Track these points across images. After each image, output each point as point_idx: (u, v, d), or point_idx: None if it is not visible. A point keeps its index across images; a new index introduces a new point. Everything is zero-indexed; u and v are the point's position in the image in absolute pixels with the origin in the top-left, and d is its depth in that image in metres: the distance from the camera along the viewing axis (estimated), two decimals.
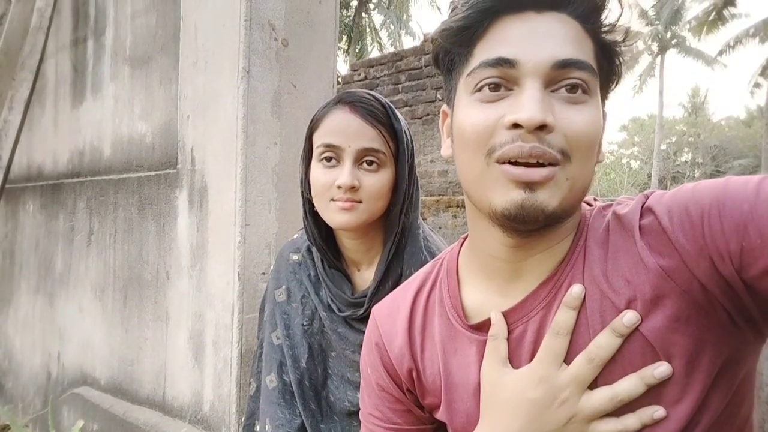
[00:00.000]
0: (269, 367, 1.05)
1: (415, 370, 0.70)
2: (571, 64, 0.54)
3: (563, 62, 0.54)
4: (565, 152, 0.54)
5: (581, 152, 0.55)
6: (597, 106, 0.57)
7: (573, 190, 0.55)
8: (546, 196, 0.53)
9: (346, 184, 0.88)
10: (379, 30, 21.08)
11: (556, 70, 0.54)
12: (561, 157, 0.53)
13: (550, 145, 0.53)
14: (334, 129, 0.91)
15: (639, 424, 0.55)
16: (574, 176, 0.55)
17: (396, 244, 0.96)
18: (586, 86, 0.55)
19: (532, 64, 0.54)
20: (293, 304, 1.04)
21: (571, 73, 0.54)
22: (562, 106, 0.54)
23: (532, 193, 0.53)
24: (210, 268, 1.73)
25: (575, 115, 0.54)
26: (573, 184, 0.55)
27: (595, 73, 0.56)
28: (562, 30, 0.55)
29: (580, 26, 0.56)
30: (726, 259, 0.50)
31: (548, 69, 0.54)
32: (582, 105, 0.55)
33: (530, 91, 0.53)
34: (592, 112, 0.56)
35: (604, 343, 0.55)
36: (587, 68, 0.55)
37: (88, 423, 2.09)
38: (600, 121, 0.57)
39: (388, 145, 0.92)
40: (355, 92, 0.96)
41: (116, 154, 2.27)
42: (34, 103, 2.68)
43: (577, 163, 0.54)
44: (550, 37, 0.55)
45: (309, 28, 1.77)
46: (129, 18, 2.23)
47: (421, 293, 0.73)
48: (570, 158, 0.54)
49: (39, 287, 2.66)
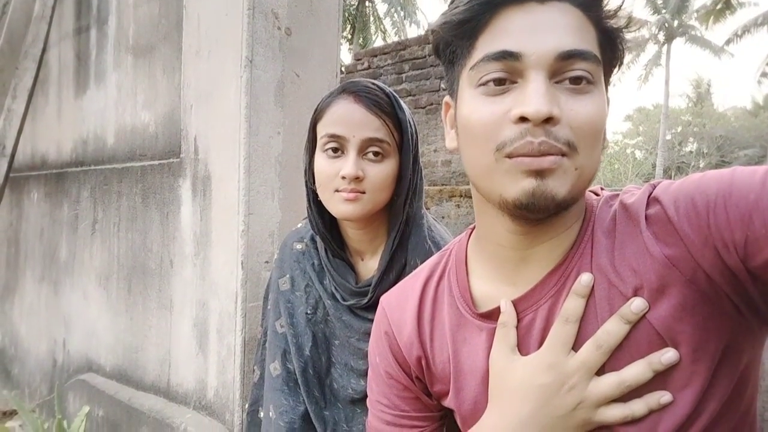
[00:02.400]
0: (273, 355, 1.05)
1: (424, 358, 0.71)
2: (575, 55, 0.54)
3: (567, 53, 0.54)
4: (572, 143, 0.54)
5: (588, 142, 0.55)
6: (601, 95, 0.57)
7: (581, 178, 0.56)
8: (556, 183, 0.54)
9: (351, 175, 0.88)
10: (383, 19, 20.95)
11: (561, 62, 0.54)
12: (568, 148, 0.54)
13: (557, 138, 0.53)
14: (339, 119, 0.91)
15: (646, 409, 0.55)
16: (582, 165, 0.55)
17: (400, 234, 0.96)
18: (590, 76, 0.55)
19: (536, 56, 0.54)
20: (297, 293, 1.05)
21: (576, 64, 0.54)
22: (568, 98, 0.54)
23: (543, 181, 0.54)
24: (213, 257, 1.73)
25: (580, 106, 0.54)
26: (581, 172, 0.55)
27: (598, 62, 0.56)
28: (565, 20, 0.55)
29: (583, 14, 0.56)
30: (731, 249, 0.50)
31: (552, 60, 0.54)
32: (587, 95, 0.55)
33: (535, 84, 0.53)
34: (597, 101, 0.56)
35: (612, 330, 0.56)
36: (591, 58, 0.55)
37: (94, 409, 2.11)
38: (605, 109, 0.57)
39: (392, 134, 0.92)
40: (360, 82, 0.95)
41: (120, 143, 2.28)
42: (38, 92, 2.68)
43: (584, 152, 0.55)
44: (553, 27, 0.54)
45: (312, 16, 1.76)
46: (132, 7, 2.22)
47: (429, 283, 0.73)
48: (577, 149, 0.54)
49: (44, 275, 2.68)
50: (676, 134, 30.53)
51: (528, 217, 0.57)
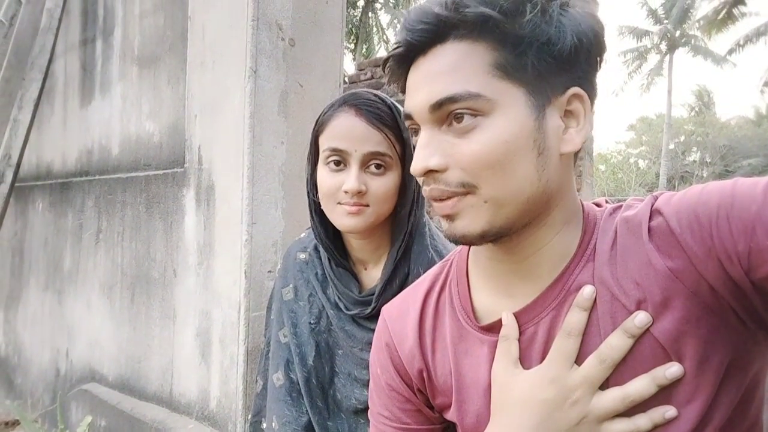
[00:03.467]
0: (276, 365, 1.05)
1: (425, 370, 0.71)
2: (444, 102, 0.54)
3: (436, 104, 0.55)
4: (466, 183, 0.55)
5: (485, 175, 0.54)
6: (494, 122, 0.54)
7: (499, 207, 0.55)
8: (465, 223, 0.56)
9: (353, 189, 0.88)
10: (386, 29, 21.07)
11: (437, 111, 0.55)
12: (462, 189, 0.55)
13: (447, 183, 0.55)
14: (340, 133, 0.91)
15: (650, 424, 0.55)
16: (493, 196, 0.55)
17: (404, 245, 0.96)
18: (472, 111, 0.54)
19: (417, 115, 0.57)
20: (300, 303, 1.05)
21: (450, 107, 0.54)
22: (455, 140, 0.55)
23: (452, 223, 0.57)
24: (217, 266, 1.74)
25: (464, 146, 0.55)
26: (495, 203, 0.55)
27: (474, 97, 0.53)
28: (441, 64, 0.55)
29: (467, 46, 0.54)
30: (734, 261, 0.50)
31: (428, 114, 0.56)
32: (474, 131, 0.54)
33: (421, 136, 0.57)
34: (488, 132, 0.54)
35: (616, 344, 0.55)
36: (463, 98, 0.54)
37: (96, 419, 2.10)
38: (502, 134, 0.54)
39: (394, 147, 0.92)
40: (361, 93, 0.95)
41: (124, 153, 2.29)
42: (44, 102, 2.70)
43: (486, 185, 0.55)
44: (425, 81, 0.56)
45: (316, 27, 1.77)
46: (137, 18, 2.25)
47: (431, 294, 0.73)
48: (476, 185, 0.55)
49: (48, 284, 2.68)
50: (679, 144, 30.50)
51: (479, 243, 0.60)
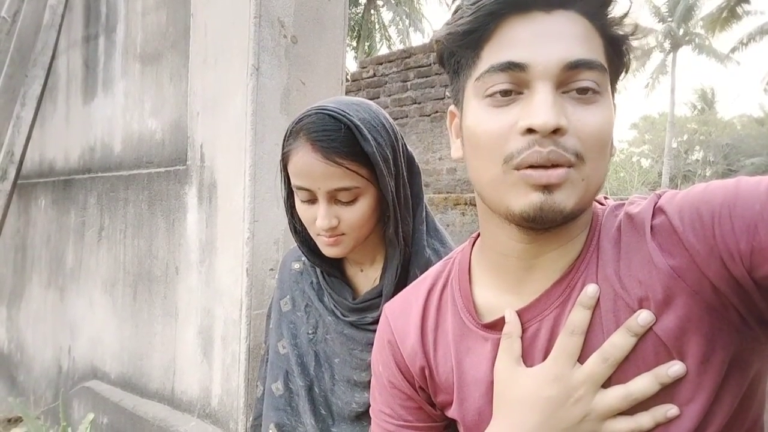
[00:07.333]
0: (275, 375, 1.05)
1: (427, 368, 0.71)
2: (581, 65, 0.53)
3: (574, 63, 0.53)
4: (579, 154, 0.53)
5: (595, 152, 0.54)
6: (608, 104, 0.56)
7: (588, 189, 0.55)
8: (563, 197, 0.53)
9: (323, 227, 0.87)
10: (388, 27, 21.06)
11: (567, 72, 0.54)
12: (576, 159, 0.53)
13: (565, 148, 0.53)
14: (301, 171, 0.88)
15: (653, 423, 0.55)
16: (589, 176, 0.55)
17: (401, 260, 0.94)
18: (596, 86, 0.55)
19: (542, 66, 0.53)
20: (298, 313, 1.05)
21: (582, 74, 0.54)
22: (575, 107, 0.54)
23: (551, 195, 0.53)
24: (219, 264, 1.74)
25: (588, 117, 0.54)
26: (588, 183, 0.55)
27: (605, 71, 0.55)
28: (571, 29, 0.54)
29: (589, 23, 0.55)
30: (736, 259, 0.49)
31: (559, 71, 0.53)
32: (593, 105, 0.55)
33: (542, 95, 0.53)
34: (604, 110, 0.55)
35: (619, 343, 0.55)
36: (598, 67, 0.54)
37: (98, 416, 2.11)
38: (612, 118, 0.57)
39: (359, 174, 0.87)
40: (317, 119, 0.87)
41: (127, 151, 2.29)
42: (46, 99, 2.71)
43: (591, 163, 0.54)
44: (559, 37, 0.54)
45: (318, 25, 1.77)
46: (140, 15, 2.25)
47: (433, 292, 0.73)
48: (584, 159, 0.54)
49: (50, 282, 2.69)
50: (682, 142, 30.42)
51: (534, 228, 0.57)
